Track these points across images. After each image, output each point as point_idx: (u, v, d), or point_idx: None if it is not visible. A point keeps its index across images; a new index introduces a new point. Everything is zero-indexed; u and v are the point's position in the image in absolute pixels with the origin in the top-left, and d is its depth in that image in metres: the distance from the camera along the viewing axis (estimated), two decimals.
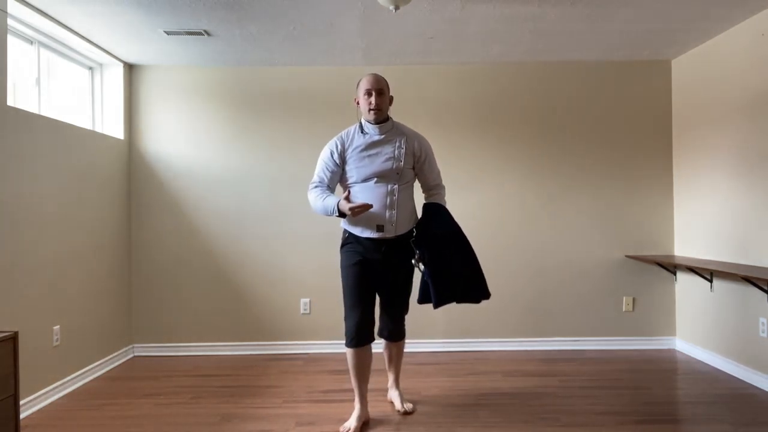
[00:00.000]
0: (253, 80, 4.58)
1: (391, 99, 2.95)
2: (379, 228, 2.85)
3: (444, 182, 4.52)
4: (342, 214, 2.78)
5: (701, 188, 4.17)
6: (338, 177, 2.96)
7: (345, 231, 2.98)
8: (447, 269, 2.87)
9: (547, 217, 4.59)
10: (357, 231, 2.90)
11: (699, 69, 4.20)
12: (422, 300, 2.95)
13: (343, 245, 2.99)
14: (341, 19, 3.57)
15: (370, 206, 2.73)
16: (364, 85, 2.86)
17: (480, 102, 4.60)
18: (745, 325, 3.68)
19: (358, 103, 2.93)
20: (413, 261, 2.92)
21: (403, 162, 2.89)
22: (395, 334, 3.11)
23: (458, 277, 2.89)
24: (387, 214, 2.85)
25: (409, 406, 3.19)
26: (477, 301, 2.95)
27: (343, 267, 2.95)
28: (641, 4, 3.37)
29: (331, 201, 2.80)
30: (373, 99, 2.83)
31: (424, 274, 2.91)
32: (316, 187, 2.93)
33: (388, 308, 3.06)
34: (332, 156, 2.92)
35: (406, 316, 3.17)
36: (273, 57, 4.35)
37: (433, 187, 3.08)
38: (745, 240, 3.67)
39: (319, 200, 2.86)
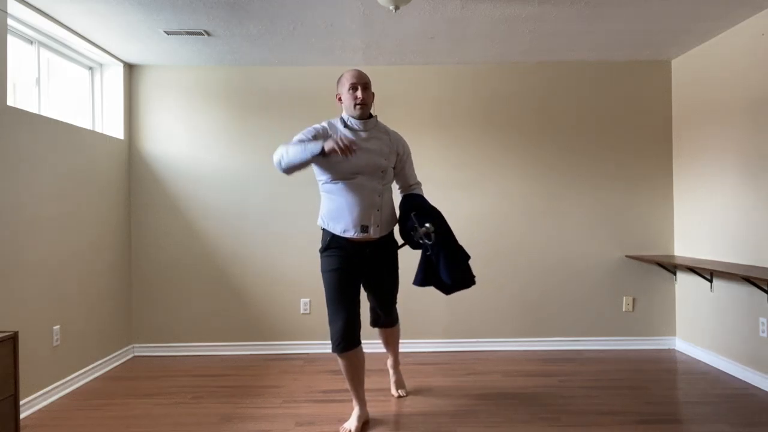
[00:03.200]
0: (253, 80, 4.58)
1: (372, 95, 2.87)
2: (364, 229, 2.79)
3: (444, 182, 4.58)
4: (324, 153, 2.47)
5: (701, 188, 4.17)
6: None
7: (325, 233, 2.86)
8: (456, 247, 2.88)
9: (547, 217, 4.58)
10: (338, 230, 2.79)
11: (699, 69, 4.20)
12: (423, 281, 2.92)
13: (324, 249, 2.85)
14: (341, 19, 3.57)
15: (356, 147, 2.50)
16: (349, 79, 2.78)
17: (480, 102, 4.60)
18: (745, 325, 3.68)
19: (340, 99, 2.84)
20: (417, 233, 2.83)
21: (387, 161, 2.86)
22: (388, 322, 3.21)
23: (463, 257, 2.90)
24: (373, 215, 2.80)
25: (402, 392, 3.42)
26: (468, 284, 2.91)
27: (324, 272, 2.84)
28: (641, 4, 3.37)
29: (314, 144, 2.51)
30: (359, 93, 2.75)
31: (429, 249, 2.84)
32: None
33: (379, 305, 3.09)
34: (313, 135, 2.74)
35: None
36: (273, 57, 4.35)
37: (413, 185, 3.10)
38: (745, 240, 3.67)
39: (294, 144, 2.57)
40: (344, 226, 2.79)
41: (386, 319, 3.17)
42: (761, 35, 3.52)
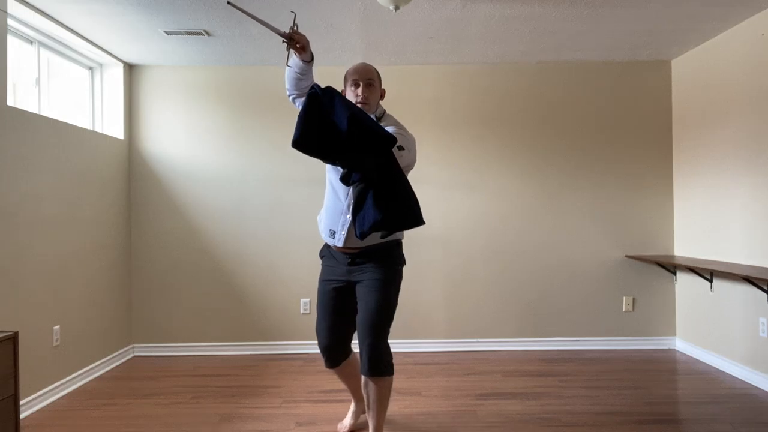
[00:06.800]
0: (253, 80, 4.58)
1: (383, 92, 2.59)
2: (331, 233, 2.51)
3: (444, 182, 4.57)
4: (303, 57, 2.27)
5: (701, 188, 4.17)
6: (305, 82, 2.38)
7: None
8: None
9: (547, 217, 4.58)
10: (321, 230, 2.62)
11: (699, 69, 4.20)
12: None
13: (320, 254, 2.73)
14: (341, 19, 3.57)
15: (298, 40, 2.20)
16: (352, 75, 2.50)
17: (480, 102, 4.59)
18: (745, 325, 3.68)
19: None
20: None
21: None
22: (371, 365, 2.44)
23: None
24: (341, 219, 2.48)
25: None
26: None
27: (319, 280, 2.71)
28: (641, 4, 3.37)
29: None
30: (360, 90, 2.45)
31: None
32: None
33: (359, 326, 2.50)
34: None
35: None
36: (273, 57, 4.35)
37: None
38: (745, 240, 3.67)
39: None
40: (322, 228, 2.61)
41: (368, 356, 2.44)
42: (761, 35, 3.52)
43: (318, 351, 4.41)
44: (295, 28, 2.22)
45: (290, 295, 4.56)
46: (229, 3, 2.21)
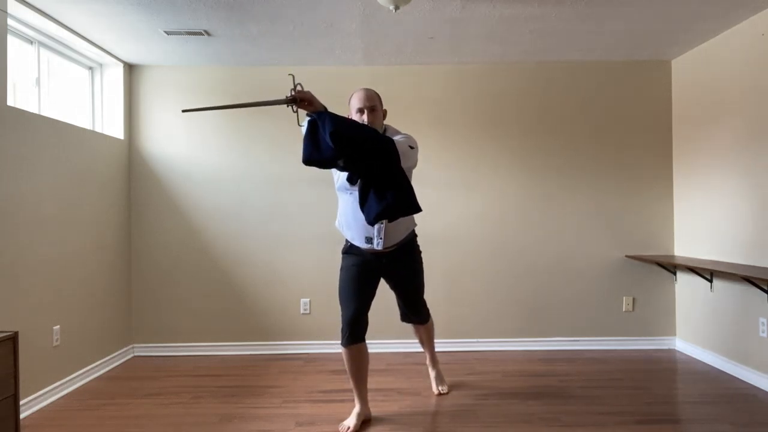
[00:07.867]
0: (253, 80, 4.58)
1: (384, 113, 2.88)
2: (368, 240, 2.83)
3: (444, 182, 4.57)
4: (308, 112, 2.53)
5: (701, 188, 4.17)
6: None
7: (346, 239, 2.98)
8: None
9: (547, 217, 4.58)
10: (348, 236, 2.91)
11: (699, 69, 4.20)
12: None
13: (345, 251, 3.00)
14: (341, 19, 3.57)
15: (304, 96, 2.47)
16: (356, 103, 2.79)
17: (480, 102, 4.59)
18: (745, 325, 3.68)
19: None
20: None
21: None
22: (418, 320, 3.30)
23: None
24: (376, 226, 2.77)
25: (443, 388, 3.46)
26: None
27: (341, 269, 2.98)
28: (641, 4, 3.37)
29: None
30: (365, 117, 2.75)
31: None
32: None
33: (404, 305, 3.22)
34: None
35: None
36: (273, 57, 4.35)
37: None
38: (745, 240, 3.67)
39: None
40: (352, 235, 2.88)
41: (415, 316, 3.27)
42: (761, 35, 3.52)
43: (318, 351, 4.51)
44: (299, 87, 2.50)
45: (290, 295, 4.56)
46: (184, 111, 2.53)
